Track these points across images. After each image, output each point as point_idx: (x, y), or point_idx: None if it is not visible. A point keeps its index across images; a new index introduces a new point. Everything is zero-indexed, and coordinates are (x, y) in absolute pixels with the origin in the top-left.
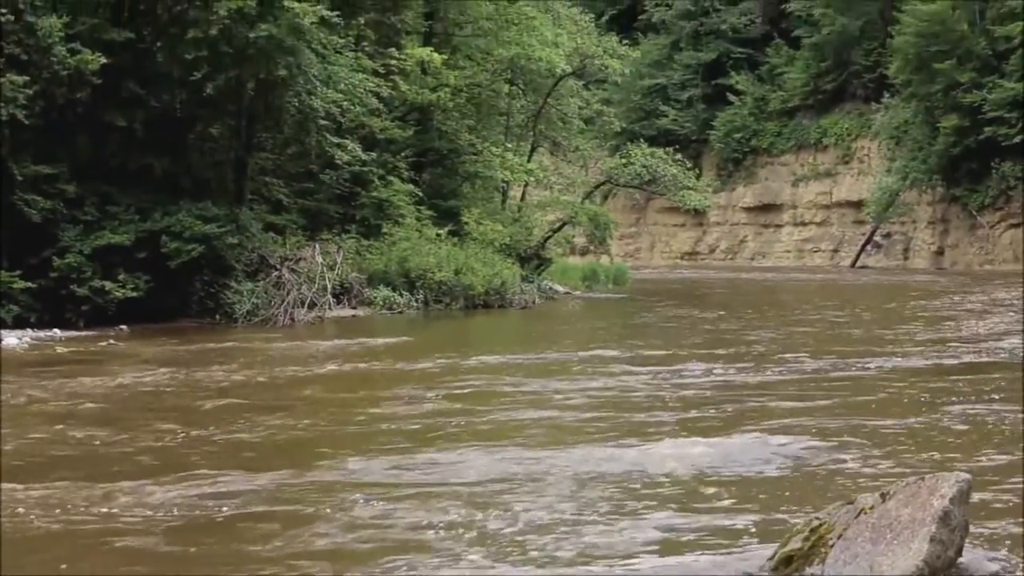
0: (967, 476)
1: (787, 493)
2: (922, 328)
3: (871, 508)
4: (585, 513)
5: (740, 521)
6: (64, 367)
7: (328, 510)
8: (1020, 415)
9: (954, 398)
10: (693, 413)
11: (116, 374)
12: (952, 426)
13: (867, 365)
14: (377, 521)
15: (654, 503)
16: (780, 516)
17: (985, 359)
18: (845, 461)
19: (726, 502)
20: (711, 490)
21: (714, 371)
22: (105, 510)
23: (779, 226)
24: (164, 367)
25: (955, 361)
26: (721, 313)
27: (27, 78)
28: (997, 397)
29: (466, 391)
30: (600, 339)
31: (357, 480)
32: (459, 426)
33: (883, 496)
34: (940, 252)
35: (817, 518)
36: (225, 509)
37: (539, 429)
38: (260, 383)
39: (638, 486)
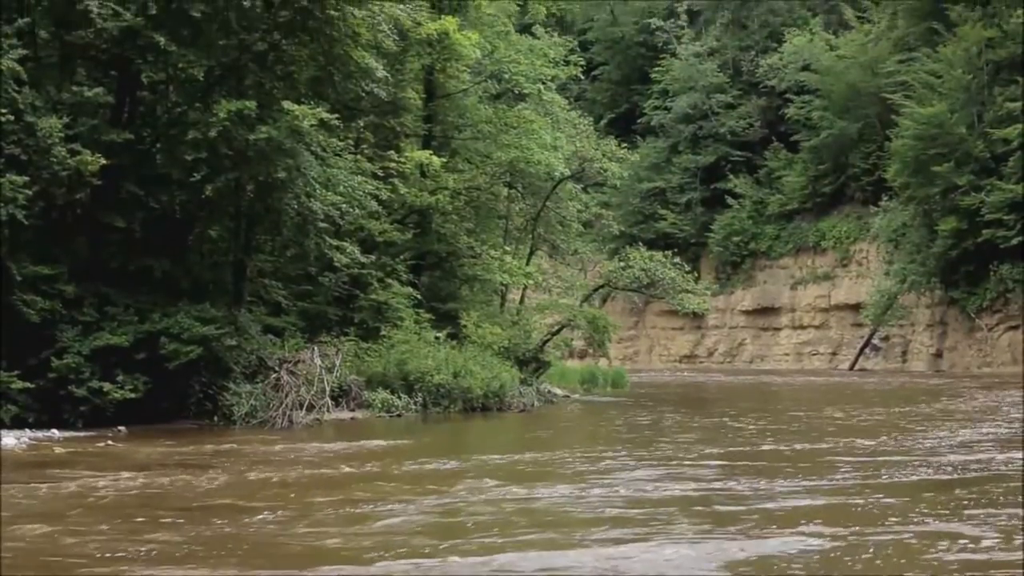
0: None
1: None
2: (883, 438)
3: None
4: None
5: None
6: (59, 469)
7: None
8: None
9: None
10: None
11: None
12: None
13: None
14: None
15: None
16: None
17: (934, 476)
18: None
19: None
20: None
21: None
22: None
23: (777, 329)
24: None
25: (898, 479)
26: (720, 419)
27: (27, 178)
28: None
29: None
30: (582, 444)
31: None
32: None
33: None
34: (939, 355)
35: None
36: None
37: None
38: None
39: None
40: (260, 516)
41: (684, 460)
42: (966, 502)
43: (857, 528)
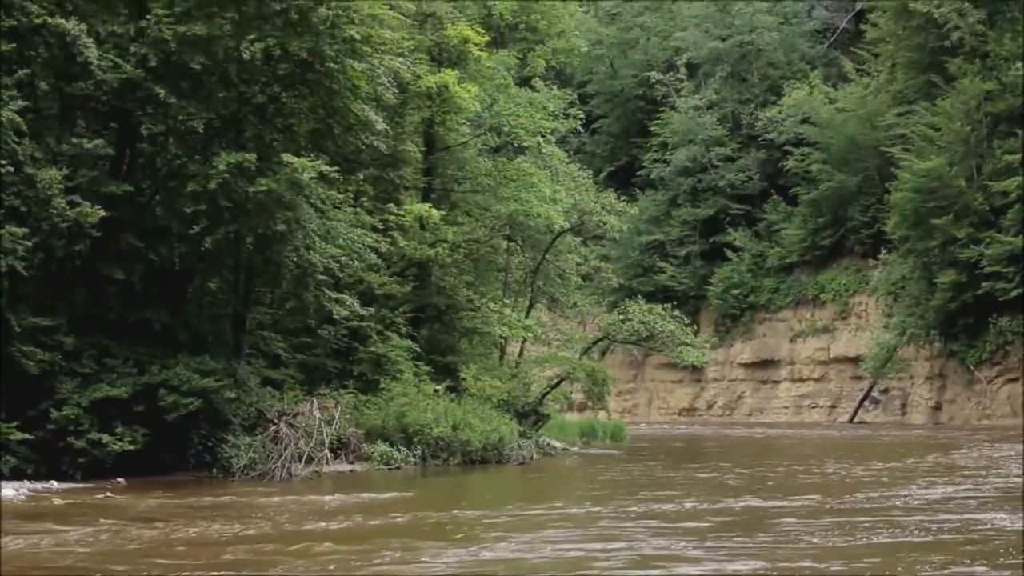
0: None
1: None
2: (860, 494)
3: None
4: None
5: None
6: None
7: None
8: None
9: None
10: None
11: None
12: None
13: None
14: None
15: None
16: None
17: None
18: None
19: None
20: None
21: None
22: None
23: (777, 382)
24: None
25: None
26: (702, 474)
27: (26, 230)
28: None
29: None
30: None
31: None
32: None
33: None
34: (938, 407)
35: None
36: None
37: None
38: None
39: None
40: None
41: (630, 517)
42: (919, 566)
43: None
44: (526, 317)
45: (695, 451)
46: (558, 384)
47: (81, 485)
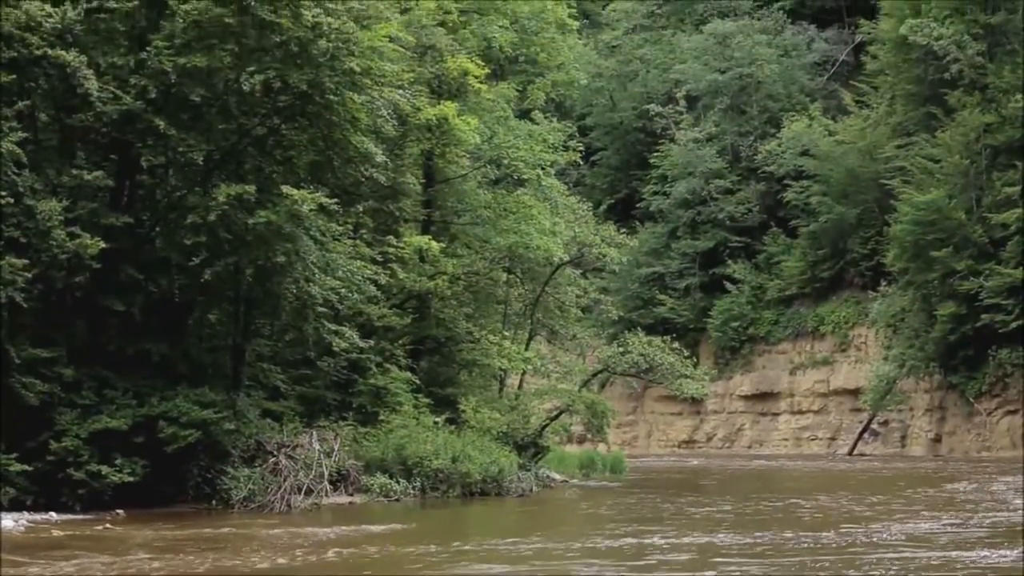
0: None
1: None
2: (841, 529)
3: None
4: None
5: None
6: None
7: None
8: None
9: None
10: None
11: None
12: None
13: None
14: None
15: None
16: None
17: None
18: None
19: None
20: None
21: None
22: None
23: (776, 414)
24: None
25: None
26: (689, 507)
27: (26, 261)
28: None
29: None
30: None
31: None
32: None
33: None
34: (937, 439)
35: None
36: None
37: None
38: None
39: None
40: None
41: (583, 553)
42: None
43: None
44: (526, 349)
45: (691, 484)
46: (557, 416)
47: (81, 517)
